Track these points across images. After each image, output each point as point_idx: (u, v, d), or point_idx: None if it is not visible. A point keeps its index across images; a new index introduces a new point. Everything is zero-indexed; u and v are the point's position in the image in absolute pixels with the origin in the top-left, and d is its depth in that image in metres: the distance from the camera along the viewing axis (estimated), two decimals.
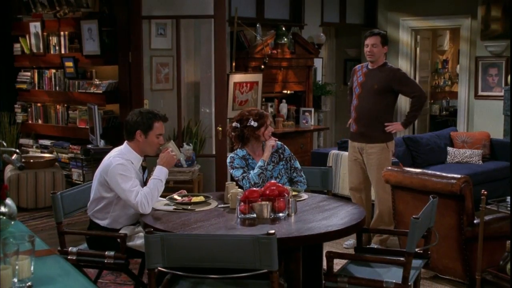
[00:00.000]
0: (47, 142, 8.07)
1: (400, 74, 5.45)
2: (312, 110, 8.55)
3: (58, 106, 7.95)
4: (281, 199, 3.57)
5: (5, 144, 7.19)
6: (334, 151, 6.34)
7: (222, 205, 3.88)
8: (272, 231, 2.81)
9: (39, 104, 8.18)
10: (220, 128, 6.42)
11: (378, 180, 5.31)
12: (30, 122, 8.31)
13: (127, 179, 3.76)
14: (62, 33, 7.72)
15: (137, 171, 3.95)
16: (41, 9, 7.87)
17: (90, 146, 7.06)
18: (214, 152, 6.70)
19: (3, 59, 8.38)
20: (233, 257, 2.86)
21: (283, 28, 8.22)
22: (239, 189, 3.92)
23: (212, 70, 6.69)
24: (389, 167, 4.84)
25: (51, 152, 7.82)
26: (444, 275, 4.74)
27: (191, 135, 6.76)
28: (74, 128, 7.72)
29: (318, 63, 9.22)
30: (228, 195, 3.85)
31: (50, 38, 7.87)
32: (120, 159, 3.86)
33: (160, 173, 3.87)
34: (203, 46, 7.03)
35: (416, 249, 3.44)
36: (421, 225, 3.27)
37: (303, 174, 4.48)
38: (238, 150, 4.44)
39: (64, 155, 7.78)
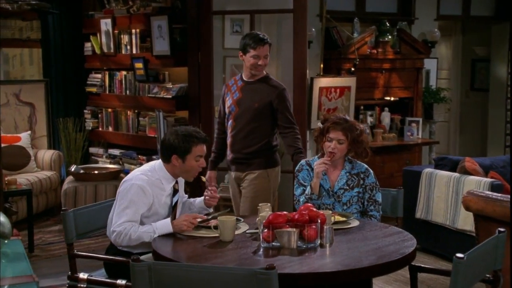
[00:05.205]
0: (116, 152, 8.26)
1: (283, 94, 5.02)
2: (420, 120, 8.20)
3: (129, 112, 8.10)
4: (313, 226, 3.41)
5: None
6: (428, 170, 6.03)
7: (251, 231, 3.75)
8: (272, 264, 2.68)
9: (110, 110, 8.37)
10: None
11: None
12: (100, 129, 8.53)
13: (130, 205, 3.75)
14: (133, 30, 7.87)
15: (166, 195, 3.91)
16: (114, 4, 8.13)
17: (155, 156, 7.15)
18: (292, 168, 6.58)
19: (74, 59, 8.69)
20: None
21: (387, 24, 7.98)
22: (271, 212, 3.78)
23: (291, 72, 6.60)
24: (472, 191, 4.51)
25: (117, 163, 8.01)
26: None
27: None
28: (144, 137, 7.82)
29: (431, 64, 8.87)
30: (257, 219, 3.72)
31: (121, 36, 8.05)
32: (145, 177, 3.84)
33: (162, 227, 3.71)
34: (284, 44, 6.93)
35: None
36: (470, 266, 2.98)
37: (380, 210, 4.31)
38: (316, 156, 4.34)
39: (132, 166, 7.91)
